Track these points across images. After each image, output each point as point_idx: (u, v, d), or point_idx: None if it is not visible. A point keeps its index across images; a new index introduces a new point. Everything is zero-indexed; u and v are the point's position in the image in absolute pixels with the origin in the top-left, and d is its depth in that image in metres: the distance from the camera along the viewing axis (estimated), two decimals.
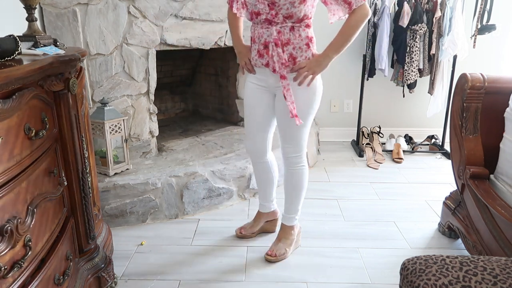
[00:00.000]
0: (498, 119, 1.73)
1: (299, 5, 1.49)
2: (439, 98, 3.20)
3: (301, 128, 1.68)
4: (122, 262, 1.82)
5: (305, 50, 1.58)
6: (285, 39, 1.56)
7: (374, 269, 1.78)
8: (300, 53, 1.58)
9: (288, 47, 1.57)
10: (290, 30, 1.55)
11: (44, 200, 1.17)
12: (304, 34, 1.57)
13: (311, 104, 1.65)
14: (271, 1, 1.51)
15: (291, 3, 1.49)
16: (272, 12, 1.52)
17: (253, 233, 2.02)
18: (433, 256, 1.01)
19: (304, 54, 1.59)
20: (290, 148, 1.74)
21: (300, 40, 1.57)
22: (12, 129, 0.99)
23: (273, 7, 1.51)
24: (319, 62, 1.57)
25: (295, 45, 1.57)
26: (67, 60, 1.26)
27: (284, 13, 1.51)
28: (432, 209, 2.34)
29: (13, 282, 1.00)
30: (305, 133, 1.71)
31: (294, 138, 1.71)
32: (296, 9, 1.50)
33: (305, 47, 1.58)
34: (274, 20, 1.54)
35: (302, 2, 1.49)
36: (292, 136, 1.71)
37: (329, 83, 3.53)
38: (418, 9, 2.96)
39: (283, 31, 1.55)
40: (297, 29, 1.55)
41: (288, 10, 1.50)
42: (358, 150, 3.30)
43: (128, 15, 2.20)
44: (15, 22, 1.71)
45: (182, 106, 3.54)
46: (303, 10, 1.51)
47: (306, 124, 1.68)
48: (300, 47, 1.58)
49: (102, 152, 2.11)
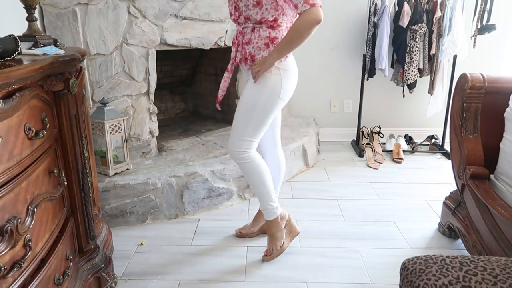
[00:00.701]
0: (498, 119, 1.73)
1: (254, 8, 1.58)
2: (439, 98, 3.20)
3: (244, 125, 1.67)
4: (122, 262, 1.82)
5: (263, 50, 1.65)
6: (246, 39, 1.67)
7: (374, 269, 1.78)
8: (258, 52, 1.65)
9: (248, 46, 1.66)
10: (251, 31, 1.65)
11: (44, 200, 1.17)
12: (265, 34, 1.63)
13: (256, 99, 1.65)
14: (235, 3, 1.64)
15: (246, 5, 1.59)
16: (236, 13, 1.66)
17: (252, 232, 2.02)
18: (433, 256, 1.01)
19: (261, 53, 1.65)
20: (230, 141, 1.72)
21: (259, 39, 1.64)
22: (12, 129, 0.99)
23: (238, 9, 1.64)
24: (264, 61, 1.61)
25: (254, 44, 1.65)
26: (67, 60, 1.26)
27: (245, 15, 1.63)
28: (432, 209, 2.34)
29: (13, 282, 1.00)
30: (246, 131, 1.68)
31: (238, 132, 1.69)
32: (252, 12, 1.59)
33: (263, 46, 1.64)
34: (238, 21, 1.68)
35: (256, 5, 1.57)
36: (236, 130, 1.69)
37: (329, 83, 3.55)
38: (418, 9, 2.96)
39: (245, 31, 1.66)
40: (258, 30, 1.64)
41: (245, 12, 1.61)
42: (358, 150, 3.30)
43: (128, 15, 2.20)
44: (15, 22, 1.71)
45: (182, 106, 3.54)
46: (259, 13, 1.59)
47: (249, 122, 1.66)
48: (258, 46, 1.65)
49: (102, 152, 2.11)
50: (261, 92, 1.65)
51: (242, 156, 1.71)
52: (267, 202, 1.81)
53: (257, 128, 1.69)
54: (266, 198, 1.80)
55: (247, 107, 1.67)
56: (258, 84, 1.65)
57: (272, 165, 1.92)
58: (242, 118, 1.68)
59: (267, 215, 1.83)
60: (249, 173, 1.75)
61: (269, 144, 1.92)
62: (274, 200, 1.82)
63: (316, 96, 3.57)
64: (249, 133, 1.68)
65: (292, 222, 1.91)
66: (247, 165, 1.73)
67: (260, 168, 1.75)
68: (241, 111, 1.69)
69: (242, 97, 1.70)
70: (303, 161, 2.93)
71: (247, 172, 1.75)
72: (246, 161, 1.72)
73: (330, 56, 3.47)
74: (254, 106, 1.66)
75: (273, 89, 1.65)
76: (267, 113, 1.68)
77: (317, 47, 3.40)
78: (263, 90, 1.65)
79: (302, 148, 2.88)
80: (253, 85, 1.67)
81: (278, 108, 1.70)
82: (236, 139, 1.70)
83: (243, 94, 1.71)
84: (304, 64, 3.34)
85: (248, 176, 1.76)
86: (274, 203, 1.82)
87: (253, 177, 1.76)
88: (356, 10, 3.34)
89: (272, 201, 1.81)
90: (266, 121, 1.69)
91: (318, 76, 3.50)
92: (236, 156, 1.72)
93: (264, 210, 1.83)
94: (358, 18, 3.36)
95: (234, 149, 1.71)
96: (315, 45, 3.38)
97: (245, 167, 1.74)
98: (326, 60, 3.47)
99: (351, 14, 3.36)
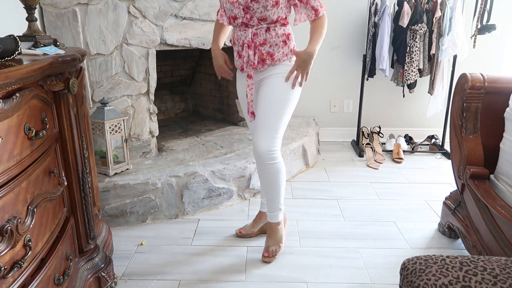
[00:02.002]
0: (498, 119, 1.73)
1: (272, 8, 1.57)
2: (439, 98, 3.20)
3: (276, 122, 1.67)
4: (122, 262, 1.82)
5: (282, 47, 1.66)
6: (261, 40, 1.65)
7: (374, 269, 1.78)
8: (277, 49, 1.65)
9: (265, 46, 1.65)
10: (266, 31, 1.64)
11: (44, 200, 1.17)
12: (281, 32, 1.64)
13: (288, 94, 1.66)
14: (245, 6, 1.59)
15: (264, 7, 1.57)
16: (247, 15, 1.61)
17: (253, 232, 2.02)
18: (433, 256, 1.01)
19: (281, 50, 1.66)
20: (263, 142, 1.67)
21: (276, 38, 1.64)
22: (12, 129, 0.99)
23: (248, 11, 1.60)
24: (309, 57, 1.61)
25: (272, 43, 1.65)
26: (67, 60, 1.26)
27: (259, 16, 1.60)
28: (432, 209, 2.34)
29: (13, 282, 1.00)
30: (279, 128, 1.67)
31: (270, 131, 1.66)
32: (270, 12, 1.58)
33: (281, 43, 1.65)
34: (249, 23, 1.63)
35: (274, 5, 1.57)
36: (269, 128, 1.66)
37: (329, 83, 3.55)
38: (418, 9, 2.96)
39: (258, 32, 1.64)
40: (273, 29, 1.64)
41: (262, 13, 1.59)
42: (358, 150, 3.30)
43: (128, 15, 2.20)
44: (15, 22, 1.71)
45: (182, 106, 3.54)
46: (276, 13, 1.59)
47: (282, 118, 1.66)
48: (276, 44, 1.65)
49: (102, 152, 2.11)
50: (289, 86, 1.66)
51: (275, 156, 1.67)
52: (280, 203, 1.82)
53: (286, 124, 1.70)
54: (280, 199, 1.81)
55: (280, 104, 1.65)
56: (283, 79, 1.65)
57: None
58: (274, 116, 1.65)
59: (275, 217, 1.83)
60: (276, 174, 1.71)
61: None
62: (283, 202, 1.84)
63: (316, 96, 3.57)
64: (281, 129, 1.68)
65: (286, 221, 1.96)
66: (277, 165, 1.69)
67: (284, 168, 1.75)
68: (272, 108, 1.65)
69: (268, 96, 1.66)
70: (303, 161, 2.93)
71: (274, 173, 1.70)
72: (277, 161, 1.69)
73: (330, 56, 3.47)
74: (286, 101, 1.65)
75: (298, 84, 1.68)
76: (294, 108, 1.71)
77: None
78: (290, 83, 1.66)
79: (302, 148, 2.88)
80: (279, 80, 1.66)
81: None
82: (270, 138, 1.64)
83: (268, 92, 1.66)
84: None
85: (274, 177, 1.72)
86: (282, 206, 1.84)
87: (279, 178, 1.73)
88: (356, 10, 3.34)
89: (282, 203, 1.83)
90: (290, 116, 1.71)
91: (318, 76, 3.49)
92: (269, 157, 1.66)
93: (274, 212, 1.83)
94: (358, 18, 3.36)
95: (268, 149, 1.65)
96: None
97: (274, 168, 1.69)
98: (326, 60, 3.47)
99: (351, 14, 3.36)
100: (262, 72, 1.70)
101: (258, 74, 1.72)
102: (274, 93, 1.66)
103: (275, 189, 1.76)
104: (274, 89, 1.66)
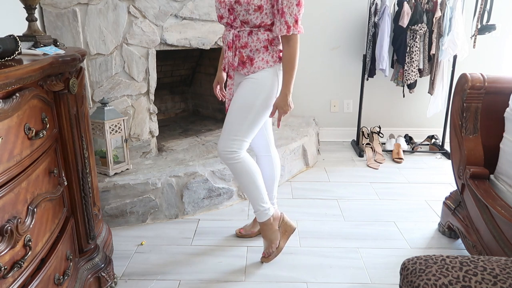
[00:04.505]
0: (498, 119, 1.73)
1: (254, 12, 1.56)
2: (439, 98, 3.20)
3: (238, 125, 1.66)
4: (122, 262, 1.82)
5: (262, 52, 1.64)
6: (242, 43, 1.64)
7: (374, 269, 1.78)
8: (257, 55, 1.64)
9: (245, 49, 1.64)
10: (248, 34, 1.63)
11: (44, 200, 1.17)
12: (263, 37, 1.62)
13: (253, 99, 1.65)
14: (230, 6, 1.58)
15: (246, 10, 1.56)
16: (231, 17, 1.61)
17: (253, 233, 2.02)
18: (433, 256, 1.01)
19: (261, 55, 1.64)
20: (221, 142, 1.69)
21: (258, 42, 1.63)
22: (12, 129, 0.99)
23: (232, 12, 1.59)
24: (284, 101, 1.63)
25: (253, 47, 1.64)
26: (67, 60, 1.26)
27: (242, 19, 1.59)
28: (432, 209, 2.34)
29: (13, 282, 1.00)
30: (240, 131, 1.66)
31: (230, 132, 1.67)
32: (252, 16, 1.57)
33: (262, 49, 1.64)
34: (233, 25, 1.63)
35: (257, 10, 1.55)
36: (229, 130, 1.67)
37: (329, 83, 3.55)
38: (418, 9, 2.96)
39: (241, 35, 1.63)
40: (256, 33, 1.62)
41: (244, 16, 1.58)
42: (358, 150, 3.30)
43: (128, 15, 2.20)
44: (15, 22, 1.71)
45: (182, 106, 3.54)
46: (259, 18, 1.57)
47: (244, 122, 1.65)
48: (257, 49, 1.64)
49: (102, 152, 2.11)
50: (258, 92, 1.65)
51: (232, 156, 1.68)
52: (258, 203, 1.78)
53: (251, 128, 1.68)
54: (257, 199, 1.77)
55: (243, 107, 1.66)
56: (254, 84, 1.65)
57: (268, 165, 1.92)
58: (236, 118, 1.66)
59: (259, 216, 1.80)
60: (239, 174, 1.72)
61: (263, 145, 1.91)
62: (265, 201, 1.79)
63: (316, 96, 3.57)
64: (243, 132, 1.67)
65: (286, 220, 1.89)
66: (237, 165, 1.70)
67: (250, 169, 1.72)
68: (236, 111, 1.67)
69: (236, 98, 1.68)
70: (303, 161, 2.93)
71: (237, 173, 1.72)
72: (236, 161, 1.69)
73: (330, 56, 3.47)
74: (251, 106, 1.65)
75: (270, 90, 1.66)
76: (263, 113, 1.68)
77: (317, 47, 3.40)
78: (261, 90, 1.65)
79: (302, 148, 2.88)
80: (250, 85, 1.66)
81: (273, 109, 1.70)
82: (227, 139, 1.67)
83: (238, 94, 1.68)
84: (304, 64, 3.35)
85: (238, 177, 1.73)
86: (265, 204, 1.79)
87: (243, 178, 1.73)
88: (356, 10, 3.34)
89: (263, 202, 1.78)
90: (260, 121, 1.69)
91: (318, 76, 3.50)
92: (226, 157, 1.68)
93: (256, 212, 1.80)
94: (358, 18, 3.36)
95: (224, 149, 1.68)
96: (315, 45, 3.38)
97: (235, 168, 1.71)
98: (326, 60, 3.47)
99: (351, 14, 3.36)
100: (242, 75, 1.70)
101: (239, 76, 1.72)
102: (242, 96, 1.67)
103: (246, 189, 1.76)
104: (243, 93, 1.67)
